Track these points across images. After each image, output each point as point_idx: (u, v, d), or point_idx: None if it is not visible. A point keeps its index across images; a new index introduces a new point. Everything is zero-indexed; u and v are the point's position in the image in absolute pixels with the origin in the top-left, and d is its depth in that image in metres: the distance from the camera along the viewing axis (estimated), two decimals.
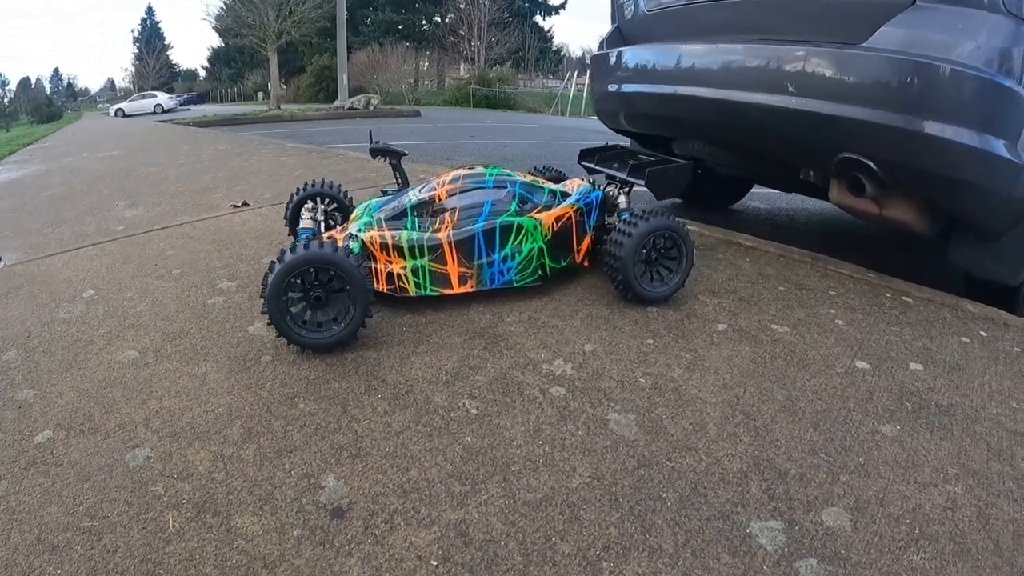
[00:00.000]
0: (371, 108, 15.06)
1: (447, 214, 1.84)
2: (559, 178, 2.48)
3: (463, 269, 1.79)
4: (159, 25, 59.21)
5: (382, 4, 33.60)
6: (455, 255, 1.77)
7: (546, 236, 1.87)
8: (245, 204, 3.40)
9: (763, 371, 1.50)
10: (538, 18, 38.44)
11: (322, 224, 2.00)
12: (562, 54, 43.12)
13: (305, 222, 1.90)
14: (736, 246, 2.51)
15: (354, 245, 1.76)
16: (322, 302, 1.51)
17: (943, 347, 1.68)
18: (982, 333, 1.78)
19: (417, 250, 1.74)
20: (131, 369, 1.54)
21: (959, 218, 2.01)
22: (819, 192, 2.65)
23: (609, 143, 2.64)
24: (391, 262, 1.75)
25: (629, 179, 2.03)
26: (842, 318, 1.82)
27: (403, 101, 23.14)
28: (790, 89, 2.07)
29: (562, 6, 38.22)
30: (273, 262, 1.47)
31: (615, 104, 3.24)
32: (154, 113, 25.44)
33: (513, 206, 1.89)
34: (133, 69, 57.99)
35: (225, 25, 21.54)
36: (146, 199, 3.74)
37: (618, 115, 3.27)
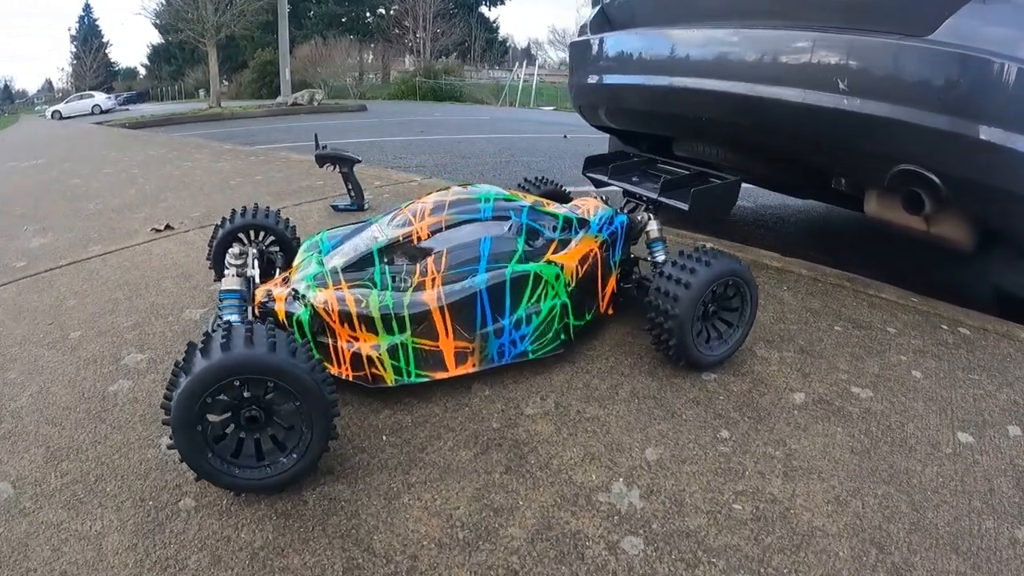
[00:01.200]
0: (315, 103, 14.05)
1: (430, 261, 1.28)
2: (559, 195, 1.95)
3: (461, 343, 1.25)
4: (97, 22, 54.47)
5: None
6: (449, 324, 1.23)
7: (570, 286, 1.36)
8: (168, 227, 2.74)
9: (871, 465, 1.15)
10: (484, 8, 37.33)
11: (256, 275, 1.40)
12: (508, 45, 42.02)
13: (229, 280, 1.26)
14: (764, 268, 2.08)
15: (301, 312, 1.21)
16: (260, 422, 0.96)
17: None
18: None
19: (395, 322, 1.19)
20: (2, 518, 0.98)
21: (1008, 236, 1.70)
22: (843, 200, 2.26)
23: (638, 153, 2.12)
24: (357, 338, 1.20)
25: (664, 200, 1.52)
26: (917, 368, 1.51)
27: (347, 95, 21.99)
28: (841, 87, 1.63)
29: None
30: (176, 370, 0.91)
31: (599, 98, 2.74)
32: (92, 114, 23.35)
33: (520, 244, 1.35)
34: (71, 69, 53.25)
35: (164, 20, 19.77)
36: (59, 221, 3.01)
37: (602, 110, 2.77)
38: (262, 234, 1.66)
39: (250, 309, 1.26)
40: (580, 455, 1.12)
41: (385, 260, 1.29)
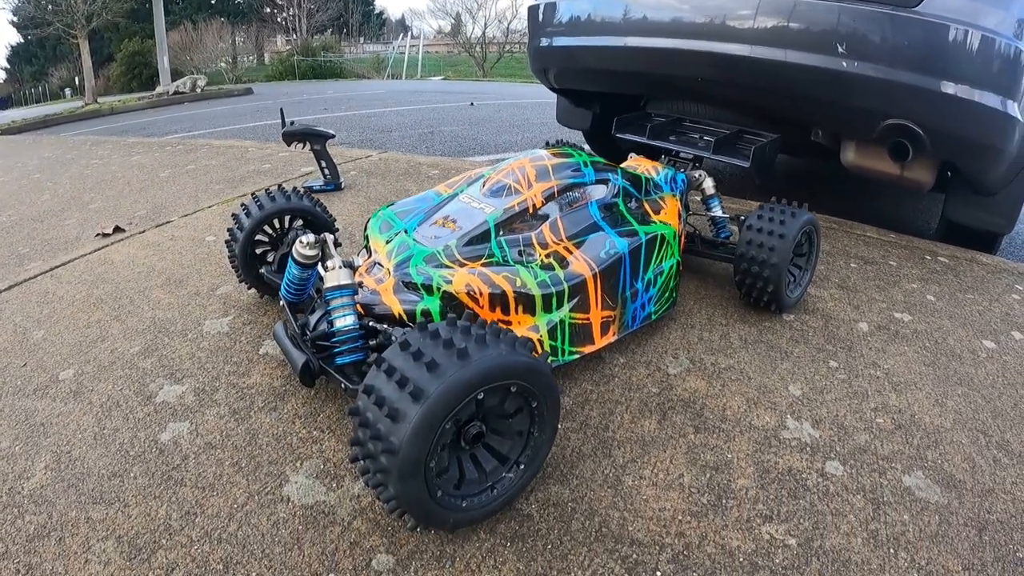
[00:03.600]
0: (199, 91, 12.08)
1: (546, 229, 1.04)
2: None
3: (606, 312, 1.05)
4: None
5: None
6: (600, 294, 1.02)
7: (679, 245, 1.24)
8: (118, 229, 2.14)
9: (944, 374, 1.24)
10: None
11: (358, 264, 1.03)
12: (384, 17, 38.34)
13: (336, 273, 0.88)
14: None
15: (427, 302, 0.91)
16: (482, 437, 0.70)
17: (1011, 308, 1.57)
18: (1020, 287, 1.70)
19: (554, 298, 0.95)
20: None
21: (967, 177, 1.78)
22: (813, 152, 2.23)
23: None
24: (510, 322, 0.94)
25: (718, 158, 1.49)
26: (928, 293, 1.62)
27: (223, 81, 19.30)
28: (840, 50, 1.59)
29: None
30: (383, 400, 0.60)
31: (566, 61, 2.44)
32: None
33: (621, 206, 1.17)
34: None
35: (26, 15, 15.72)
36: None
37: (568, 72, 2.49)
38: (288, 218, 1.27)
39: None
40: (743, 403, 1.07)
41: (501, 232, 1.02)
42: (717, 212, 1.53)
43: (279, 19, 28.40)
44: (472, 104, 7.71)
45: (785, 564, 0.72)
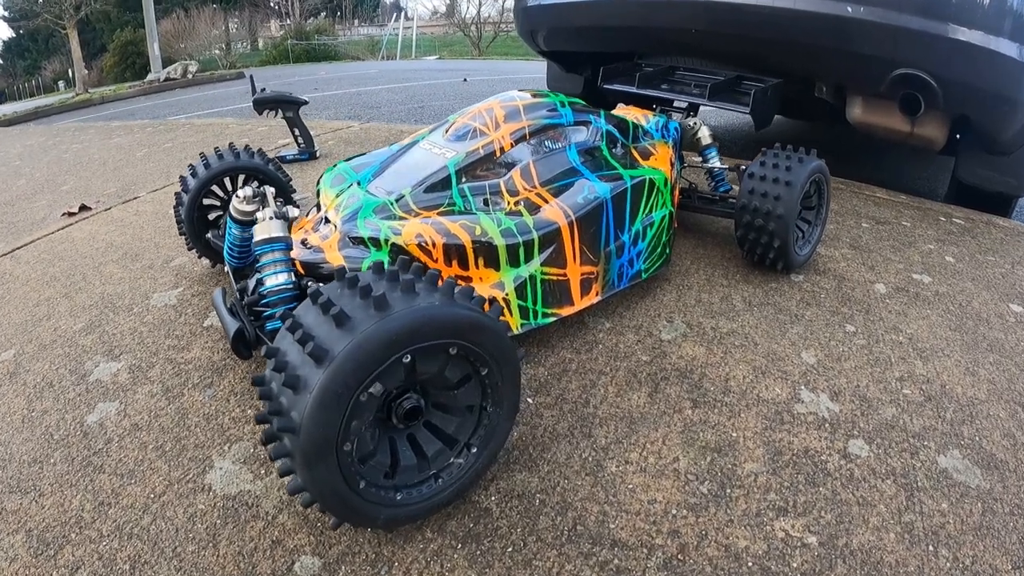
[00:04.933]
0: (190, 76, 11.76)
1: (516, 175, 0.89)
2: None
3: (587, 268, 0.90)
4: None
5: None
6: (577, 246, 0.86)
7: (672, 195, 1.07)
8: (84, 208, 2.00)
9: (971, 340, 1.10)
10: None
11: (294, 214, 0.88)
12: None
13: (266, 225, 0.74)
14: None
15: (374, 257, 0.76)
16: (420, 414, 0.54)
17: None
18: None
19: (522, 249, 0.79)
20: None
21: (981, 134, 1.62)
22: (811, 113, 2.04)
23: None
24: (470, 278, 0.79)
25: (715, 104, 1.34)
26: (947, 254, 1.49)
27: (217, 67, 18.88)
28: None
29: None
30: (283, 363, 0.46)
31: (553, 21, 2.24)
32: None
33: (605, 152, 1.01)
34: None
35: (16, 7, 15.33)
36: None
37: (560, 32, 2.29)
38: (242, 178, 1.13)
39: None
40: (749, 371, 0.91)
41: (464, 179, 0.86)
42: (715, 163, 1.36)
43: (272, 3, 27.67)
44: (465, 80, 7.45)
45: (804, 569, 0.58)
